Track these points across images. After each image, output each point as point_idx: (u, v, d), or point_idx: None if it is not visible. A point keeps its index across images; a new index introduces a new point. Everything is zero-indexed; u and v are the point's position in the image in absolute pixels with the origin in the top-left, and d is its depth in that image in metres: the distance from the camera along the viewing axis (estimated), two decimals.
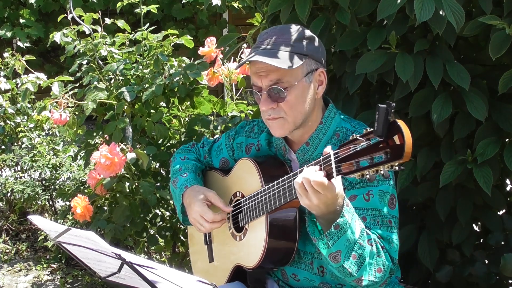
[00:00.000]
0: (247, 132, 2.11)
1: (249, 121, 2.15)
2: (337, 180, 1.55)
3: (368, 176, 1.42)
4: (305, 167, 1.59)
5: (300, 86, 1.79)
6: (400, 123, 1.34)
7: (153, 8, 3.31)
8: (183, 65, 2.98)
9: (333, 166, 1.49)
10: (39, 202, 4.32)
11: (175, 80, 2.90)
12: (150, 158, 2.86)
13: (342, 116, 1.92)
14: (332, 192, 1.54)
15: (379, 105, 1.34)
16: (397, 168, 1.37)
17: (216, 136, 2.83)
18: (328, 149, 1.53)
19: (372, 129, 1.40)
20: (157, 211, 3.19)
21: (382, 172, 1.38)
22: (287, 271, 1.97)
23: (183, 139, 3.07)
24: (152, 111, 2.99)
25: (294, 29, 1.84)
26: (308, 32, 1.85)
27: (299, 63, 1.77)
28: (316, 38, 1.87)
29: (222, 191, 2.07)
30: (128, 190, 2.86)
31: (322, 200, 1.55)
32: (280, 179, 1.75)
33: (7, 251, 4.28)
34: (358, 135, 1.44)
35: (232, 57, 3.09)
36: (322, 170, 1.54)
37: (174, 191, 2.13)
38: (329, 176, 1.52)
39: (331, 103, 1.92)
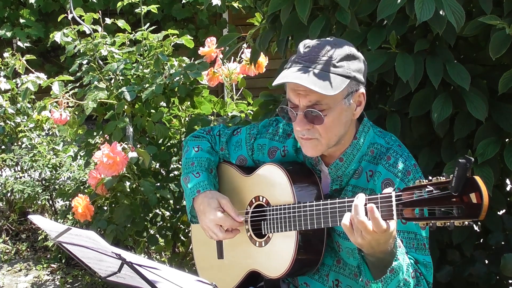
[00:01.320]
0: (271, 135, 2.02)
1: (271, 121, 2.06)
2: (392, 221, 1.50)
3: (431, 224, 1.39)
4: (358, 204, 1.51)
5: (339, 108, 1.71)
6: (479, 181, 1.32)
7: (153, 8, 3.31)
8: (183, 65, 2.98)
9: (394, 209, 1.45)
10: (39, 202, 4.32)
11: (175, 80, 2.90)
12: (151, 157, 2.86)
13: (375, 130, 1.86)
14: (387, 232, 1.50)
15: (459, 160, 1.31)
16: (467, 223, 1.34)
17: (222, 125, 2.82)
18: (390, 190, 1.49)
19: (442, 178, 1.37)
20: (157, 210, 3.19)
21: (448, 224, 1.35)
22: (298, 279, 1.95)
23: (183, 139, 3.07)
24: (152, 111, 2.99)
25: (340, 45, 1.74)
26: (353, 50, 1.75)
27: (342, 86, 1.67)
28: (361, 57, 1.77)
29: (240, 190, 2.02)
30: (128, 190, 2.86)
31: (374, 238, 1.51)
32: (322, 202, 1.70)
33: (7, 251, 4.28)
34: (427, 182, 1.39)
35: (232, 57, 3.10)
36: (378, 210, 1.48)
37: (185, 188, 2.05)
38: (387, 217, 1.48)
39: (365, 117, 1.85)
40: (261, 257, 1.92)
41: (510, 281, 2.45)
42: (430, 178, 1.41)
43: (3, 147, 4.48)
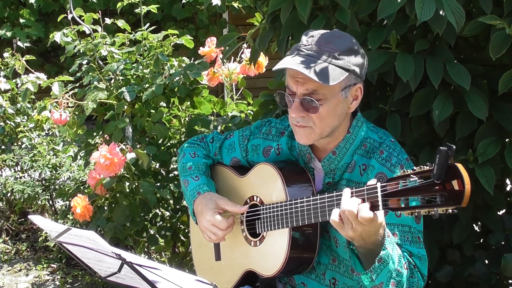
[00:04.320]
0: (264, 135, 2.04)
1: (264, 122, 2.08)
2: (380, 212, 1.51)
3: (416, 214, 1.39)
4: (346, 197, 1.53)
5: (335, 100, 1.74)
6: (461, 168, 1.32)
7: (153, 8, 3.31)
8: (183, 65, 2.98)
9: (380, 199, 1.46)
10: (39, 202, 4.31)
11: (175, 80, 2.90)
12: (150, 158, 2.86)
13: (368, 126, 1.89)
14: (375, 223, 1.51)
15: (440, 148, 1.32)
16: (450, 211, 1.34)
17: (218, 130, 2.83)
18: (373, 181, 1.50)
19: (426, 167, 1.37)
20: (157, 211, 3.19)
21: (433, 213, 1.36)
22: (295, 278, 1.95)
23: (183, 139, 3.07)
24: (152, 111, 2.99)
25: (343, 38, 1.77)
26: (356, 45, 1.78)
27: (341, 78, 1.70)
28: (363, 53, 1.79)
29: (235, 191, 2.03)
30: (128, 190, 2.86)
31: (365, 230, 1.52)
32: (312, 198, 1.71)
33: (7, 251, 4.28)
34: (411, 172, 1.40)
35: (232, 57, 3.10)
36: (366, 201, 1.50)
37: (185, 192, 2.09)
38: (373, 208, 1.49)
39: (359, 112, 1.87)
40: (256, 257, 1.93)
41: (510, 281, 2.45)
42: (414, 168, 1.42)
43: (3, 147, 4.48)
